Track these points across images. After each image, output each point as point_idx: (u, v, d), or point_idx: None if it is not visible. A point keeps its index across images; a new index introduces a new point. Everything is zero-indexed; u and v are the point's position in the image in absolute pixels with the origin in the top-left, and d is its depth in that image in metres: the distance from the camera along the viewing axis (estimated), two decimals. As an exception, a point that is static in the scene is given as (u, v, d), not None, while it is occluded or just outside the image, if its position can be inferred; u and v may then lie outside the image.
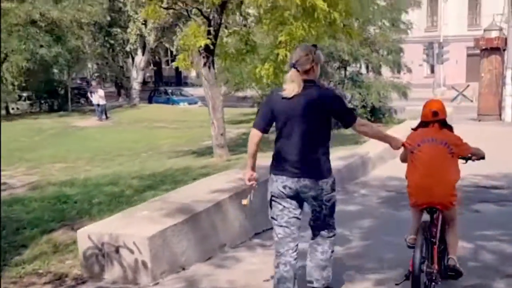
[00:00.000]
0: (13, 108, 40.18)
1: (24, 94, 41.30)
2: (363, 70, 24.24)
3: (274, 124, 4.33)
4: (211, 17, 12.56)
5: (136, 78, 42.93)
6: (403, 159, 4.99)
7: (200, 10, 12.59)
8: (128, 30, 39.08)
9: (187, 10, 13.34)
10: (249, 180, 4.49)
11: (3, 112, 37.18)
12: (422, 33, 43.07)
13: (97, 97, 32.04)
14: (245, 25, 13.88)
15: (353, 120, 4.31)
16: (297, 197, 4.30)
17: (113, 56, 43.67)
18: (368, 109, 21.94)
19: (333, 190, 4.35)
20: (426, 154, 4.66)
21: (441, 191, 4.59)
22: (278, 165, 4.32)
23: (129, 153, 17.59)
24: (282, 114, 4.21)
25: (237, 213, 6.21)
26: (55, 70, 39.60)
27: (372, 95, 21.24)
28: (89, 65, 47.12)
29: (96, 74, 46.09)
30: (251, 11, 13.47)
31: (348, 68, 23.00)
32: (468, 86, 33.67)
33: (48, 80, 39.58)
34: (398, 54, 24.09)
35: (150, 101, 44.00)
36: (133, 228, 4.98)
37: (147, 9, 12.41)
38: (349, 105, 22.85)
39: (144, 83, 60.61)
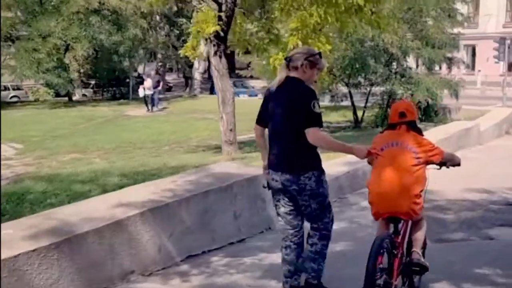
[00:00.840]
0: (82, 95, 40.70)
1: (92, 82, 41.86)
2: (413, 65, 22.27)
3: None
4: (222, 1, 11.37)
5: (198, 68, 42.45)
6: (370, 162, 4.53)
7: (207, -8, 11.48)
8: (192, 20, 38.64)
9: (197, -7, 12.22)
10: (264, 168, 4.32)
11: (65, 99, 37.55)
12: (500, 29, 40.01)
13: (142, 87, 31.48)
14: (266, 11, 12.59)
15: (308, 126, 3.97)
16: (286, 190, 4.15)
17: (178, 46, 43.38)
18: (420, 106, 20.05)
19: (319, 186, 4.12)
20: (388, 159, 4.21)
21: (402, 199, 4.14)
22: (269, 158, 4.24)
23: (152, 146, 16.77)
24: (268, 108, 4.22)
25: (154, 232, 5.05)
26: (119, 59, 39.49)
27: (420, 92, 19.32)
28: (159, 55, 46.99)
29: (159, 64, 45.91)
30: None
31: (398, 62, 21.08)
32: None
33: (112, 69, 39.69)
34: (454, 48, 21.83)
35: (212, 91, 43.40)
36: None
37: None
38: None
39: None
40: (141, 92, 31.51)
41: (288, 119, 4.05)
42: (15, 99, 39.58)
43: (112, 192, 5.93)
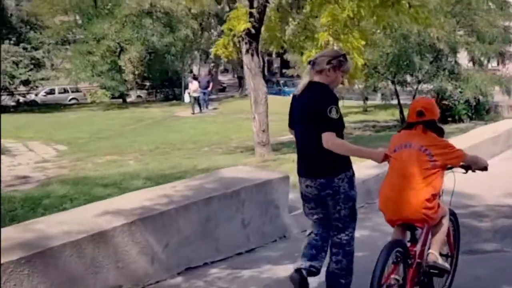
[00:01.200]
0: (137, 96, 41.12)
1: (147, 84, 42.27)
2: (466, 61, 21.13)
3: None
4: (253, -3, 11.01)
5: (249, 68, 42.15)
6: None
7: (237, -12, 11.12)
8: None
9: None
10: None
11: (120, 100, 37.94)
12: None
13: (187, 92, 31.28)
14: (301, 7, 12.14)
15: (323, 131, 3.89)
16: (321, 196, 4.08)
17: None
18: (470, 104, 19.04)
19: (351, 187, 4.06)
20: (399, 161, 3.96)
21: (411, 205, 3.84)
22: (298, 165, 4.23)
23: (192, 147, 16.56)
24: (292, 113, 4.23)
25: (146, 243, 4.72)
26: (172, 60, 39.63)
27: (469, 89, 18.30)
28: (211, 56, 46.93)
29: (212, 64, 45.98)
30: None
31: (446, 59, 20.00)
32: None
33: (165, 70, 39.89)
34: (506, 43, 20.51)
35: (261, 91, 43.06)
36: None
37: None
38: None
39: (272, 74, 60.19)
40: (186, 98, 31.31)
41: (310, 125, 4.00)
42: (73, 101, 40.48)
43: (105, 200, 5.66)
